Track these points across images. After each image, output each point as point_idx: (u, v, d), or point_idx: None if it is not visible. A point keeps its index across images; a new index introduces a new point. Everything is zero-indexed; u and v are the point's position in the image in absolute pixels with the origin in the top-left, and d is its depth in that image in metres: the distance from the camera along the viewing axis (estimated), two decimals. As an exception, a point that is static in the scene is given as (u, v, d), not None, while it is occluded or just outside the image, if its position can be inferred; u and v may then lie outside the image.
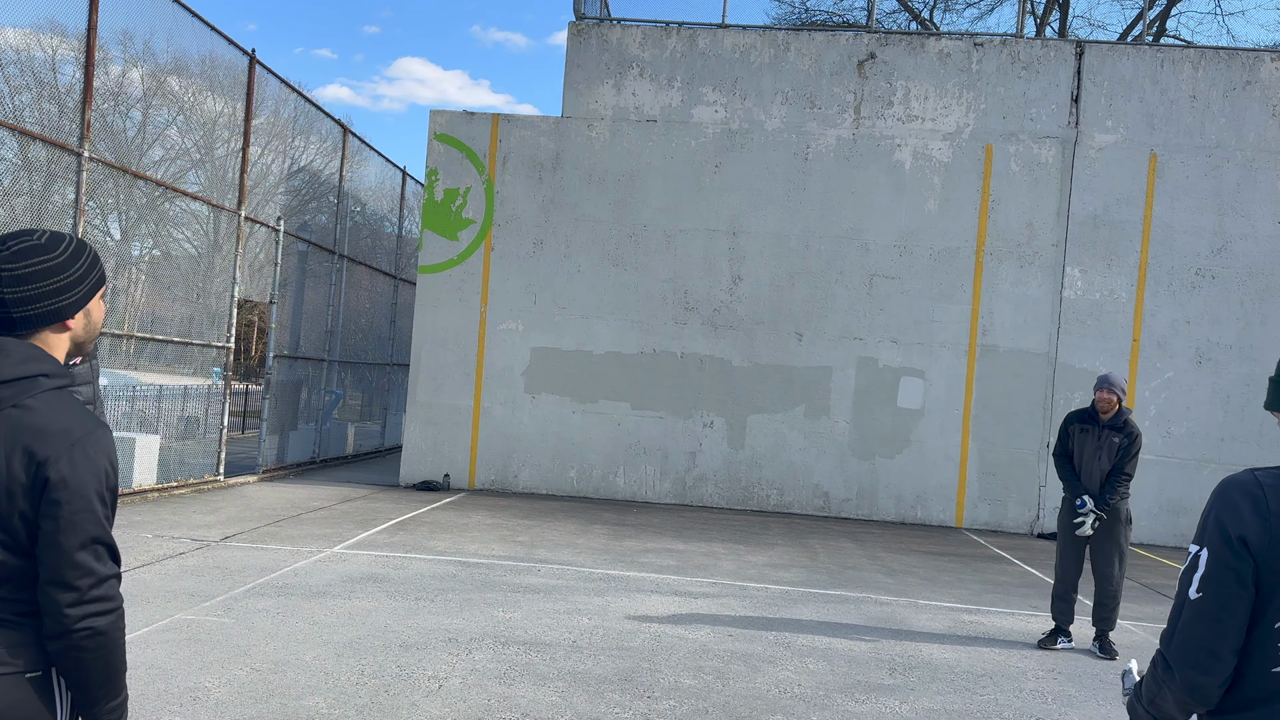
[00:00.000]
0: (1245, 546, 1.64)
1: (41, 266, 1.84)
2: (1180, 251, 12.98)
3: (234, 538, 8.83)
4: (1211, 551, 1.68)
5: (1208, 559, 1.68)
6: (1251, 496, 1.67)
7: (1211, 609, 1.65)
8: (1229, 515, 1.67)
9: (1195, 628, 1.67)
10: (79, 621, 1.75)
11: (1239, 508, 1.67)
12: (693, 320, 13.39)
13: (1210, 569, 1.67)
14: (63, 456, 1.76)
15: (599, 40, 13.67)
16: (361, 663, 5.43)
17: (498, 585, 7.59)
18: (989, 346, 13.13)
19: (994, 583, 9.26)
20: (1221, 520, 1.68)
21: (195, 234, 12.58)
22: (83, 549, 1.76)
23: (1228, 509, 1.68)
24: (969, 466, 13.11)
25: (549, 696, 5.09)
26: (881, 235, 13.22)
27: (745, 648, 6.29)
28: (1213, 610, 1.65)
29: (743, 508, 13.27)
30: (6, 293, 1.81)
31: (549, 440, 13.48)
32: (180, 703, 4.64)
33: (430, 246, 13.70)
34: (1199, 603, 1.67)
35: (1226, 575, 1.65)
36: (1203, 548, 1.70)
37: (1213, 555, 1.67)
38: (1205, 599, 1.66)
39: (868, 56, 13.39)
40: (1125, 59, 13.15)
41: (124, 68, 10.54)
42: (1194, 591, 1.68)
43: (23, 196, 8.90)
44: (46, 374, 1.82)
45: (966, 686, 5.81)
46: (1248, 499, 1.67)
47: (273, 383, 13.58)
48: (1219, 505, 1.70)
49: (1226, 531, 1.66)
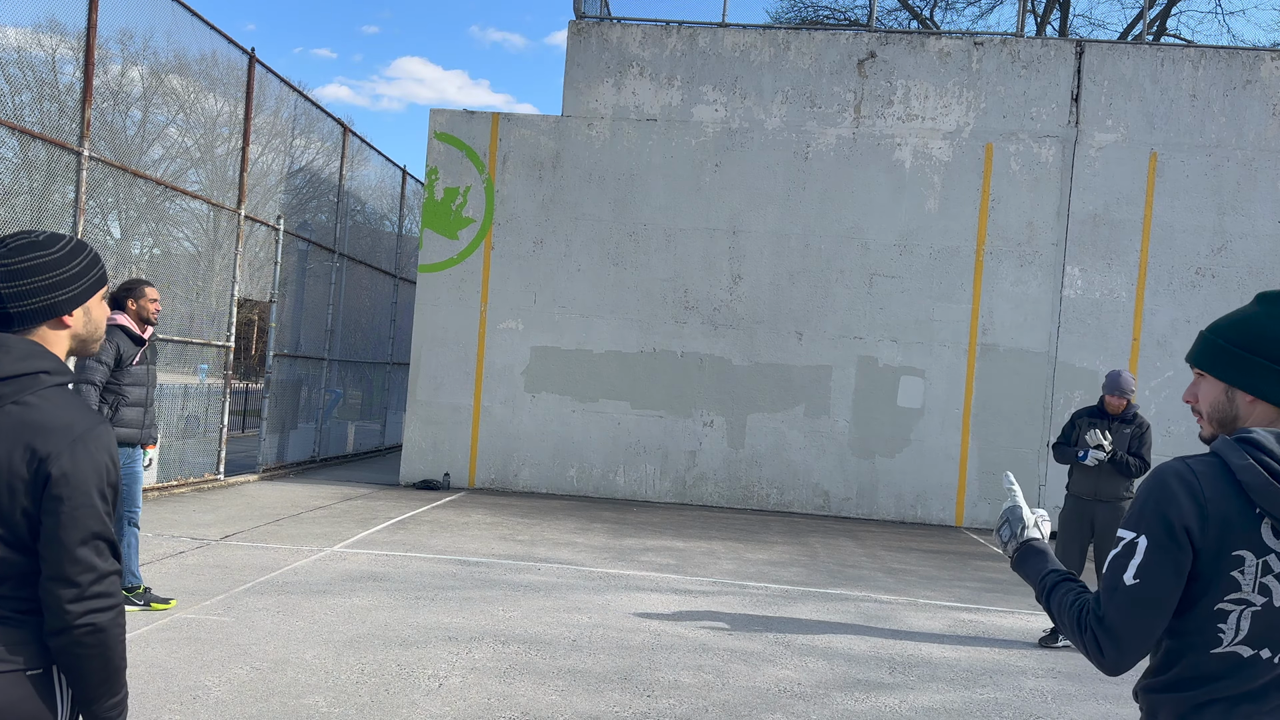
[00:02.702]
0: (1187, 536, 1.67)
1: (38, 261, 1.85)
2: (1180, 251, 12.99)
3: (234, 536, 8.84)
4: (1152, 540, 1.69)
5: (1147, 547, 1.69)
6: (1187, 484, 1.69)
7: (1147, 597, 1.68)
8: (1169, 505, 1.69)
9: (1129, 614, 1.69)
10: (80, 618, 1.75)
11: (1178, 496, 1.69)
12: (693, 319, 13.39)
13: (1149, 557, 1.69)
14: (64, 452, 1.76)
15: (599, 39, 13.67)
16: (362, 661, 5.43)
17: (498, 584, 7.60)
18: (989, 346, 13.13)
19: (994, 581, 9.26)
20: (1162, 510, 1.69)
21: (195, 233, 12.58)
22: (83, 545, 1.77)
23: (1167, 499, 1.69)
24: (969, 465, 13.12)
25: (549, 695, 5.09)
26: (881, 234, 13.22)
27: (745, 646, 6.29)
28: (1148, 596, 1.68)
29: (742, 507, 13.28)
30: (3, 288, 1.82)
31: (549, 439, 13.49)
32: (180, 701, 4.65)
33: (430, 245, 13.70)
34: (1135, 589, 1.69)
35: (1165, 565, 1.68)
36: (1140, 535, 1.71)
37: (1153, 544, 1.69)
38: (1141, 587, 1.69)
39: (868, 55, 13.39)
40: (1125, 58, 13.15)
41: (124, 67, 10.54)
42: (1130, 578, 1.70)
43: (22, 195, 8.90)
44: (47, 370, 1.82)
45: (966, 685, 5.82)
46: (1185, 487, 1.69)
47: (273, 381, 13.59)
48: (1159, 494, 1.71)
49: (1169, 521, 1.68)
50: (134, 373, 6.13)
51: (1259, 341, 1.76)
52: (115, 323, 6.10)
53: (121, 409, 6.09)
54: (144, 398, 6.22)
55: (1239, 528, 1.66)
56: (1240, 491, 1.67)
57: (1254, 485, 1.64)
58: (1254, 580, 1.65)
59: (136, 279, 6.35)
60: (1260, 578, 1.65)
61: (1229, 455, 1.69)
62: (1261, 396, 1.76)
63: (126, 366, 6.07)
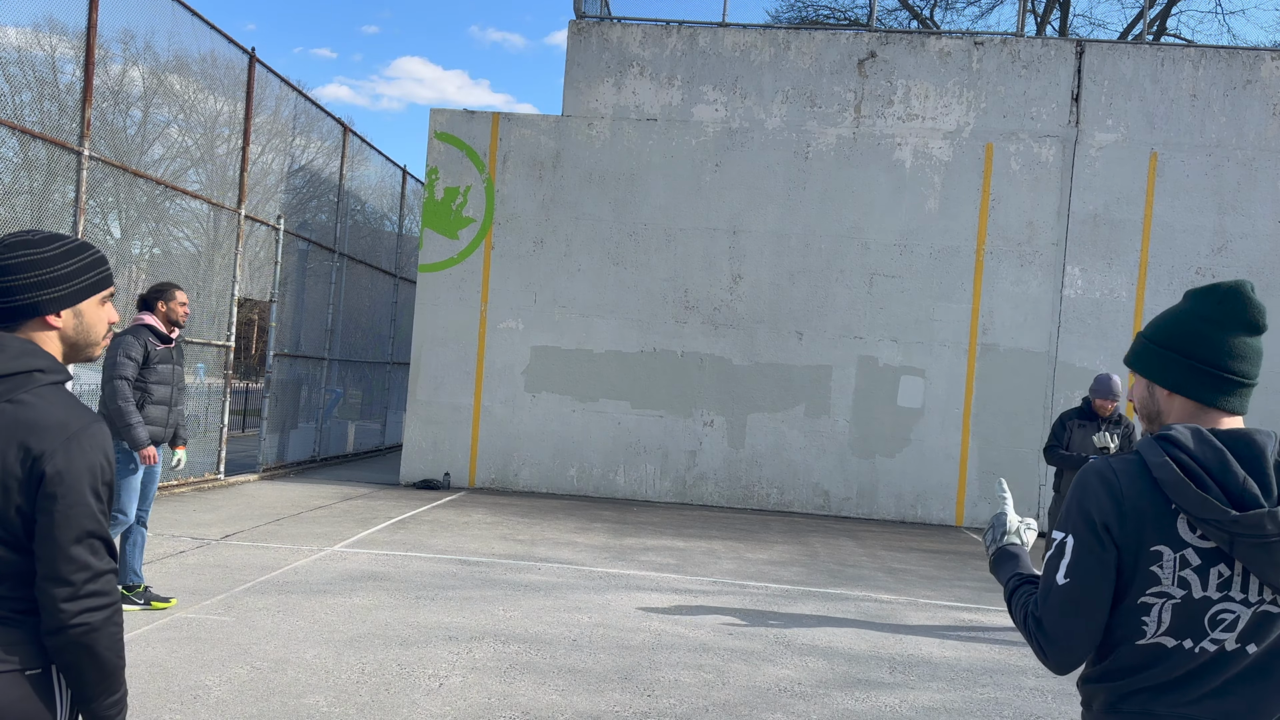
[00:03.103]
0: (1108, 532, 1.72)
1: (26, 259, 1.85)
2: (1180, 250, 12.99)
3: (234, 536, 8.84)
4: (1077, 539, 1.75)
5: (1074, 546, 1.75)
6: (1107, 483, 1.74)
7: (1078, 594, 1.73)
8: (1090, 503, 1.75)
9: (1063, 612, 1.75)
10: (74, 617, 1.75)
11: (1098, 495, 1.74)
12: (693, 319, 13.39)
13: (1076, 556, 1.74)
14: (58, 450, 1.76)
15: (599, 39, 13.67)
16: (362, 661, 5.43)
17: (498, 583, 7.60)
18: (989, 345, 13.13)
19: (993, 581, 9.26)
20: (1085, 508, 1.75)
21: (195, 232, 12.58)
22: (78, 543, 1.76)
23: (1089, 497, 1.75)
24: (969, 465, 13.12)
25: (549, 694, 5.09)
26: (882, 234, 13.22)
27: (745, 645, 6.30)
28: (1079, 595, 1.73)
29: (743, 506, 13.28)
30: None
31: (549, 439, 13.49)
32: (181, 701, 4.65)
33: (430, 245, 13.70)
34: (1067, 588, 1.74)
35: (1092, 561, 1.73)
36: (1068, 534, 1.77)
37: (1079, 543, 1.74)
38: (1072, 585, 1.74)
39: (868, 55, 13.39)
40: (1126, 58, 13.14)
41: (124, 66, 10.54)
42: (1061, 577, 1.75)
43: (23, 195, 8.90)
44: (42, 369, 1.82)
45: (966, 684, 5.82)
46: (1104, 485, 1.74)
47: (273, 381, 13.59)
48: (1081, 493, 1.77)
49: (1091, 519, 1.74)
50: (160, 371, 6.35)
51: (1173, 337, 1.82)
52: (143, 323, 6.31)
53: (147, 406, 6.26)
54: (168, 397, 6.43)
55: (1156, 523, 1.70)
56: (1157, 488, 1.71)
57: (1168, 481, 1.69)
58: (1173, 574, 1.70)
59: (168, 282, 6.54)
60: (1179, 571, 1.70)
61: (1147, 453, 1.74)
62: (1174, 390, 1.82)
63: (153, 365, 6.24)
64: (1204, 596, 1.69)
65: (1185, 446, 1.71)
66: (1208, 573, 1.69)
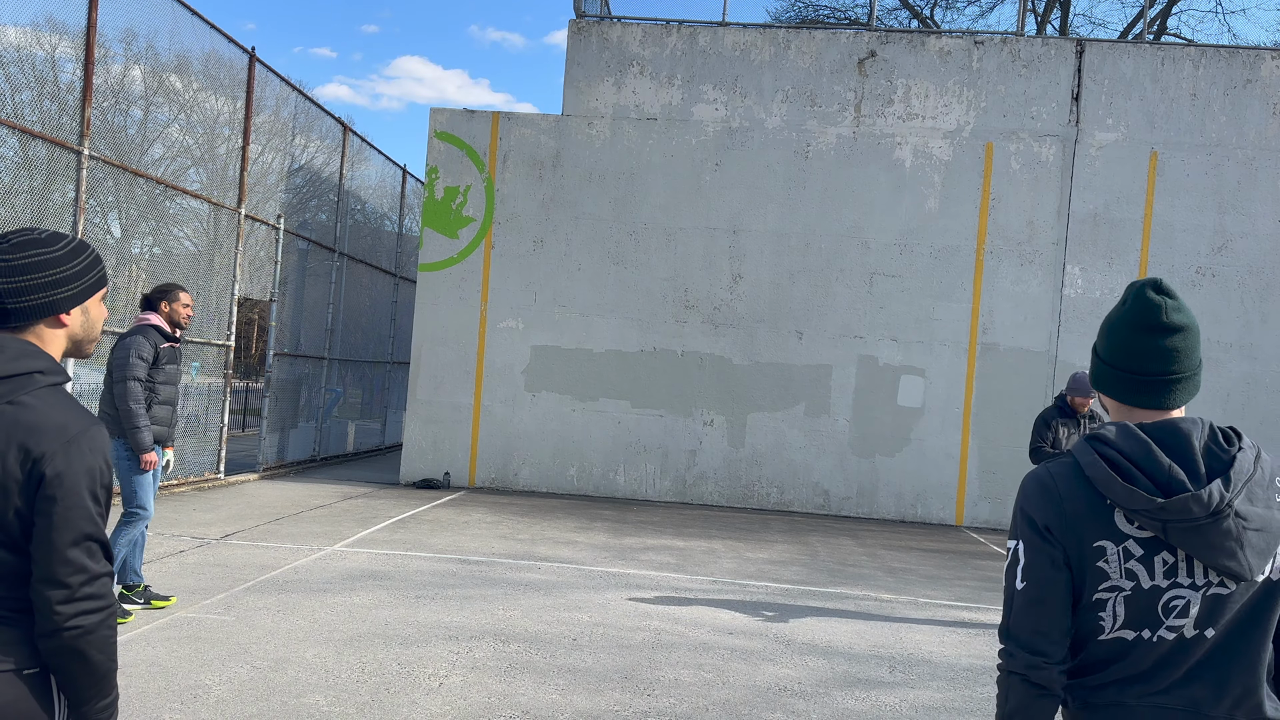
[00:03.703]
0: (1050, 533, 1.77)
1: (39, 259, 1.85)
2: (1180, 250, 12.98)
3: (234, 535, 8.84)
4: (1026, 543, 1.80)
5: (1024, 550, 1.80)
6: (1044, 487, 1.80)
7: (1035, 595, 1.77)
8: (1031, 507, 1.80)
9: (1025, 614, 1.78)
10: (70, 619, 1.74)
11: (1036, 499, 1.80)
12: (693, 318, 13.39)
13: (1029, 559, 1.79)
14: (58, 453, 1.76)
15: (599, 38, 13.67)
16: (362, 660, 5.43)
17: (498, 582, 7.60)
18: (989, 345, 13.13)
19: (994, 580, 9.26)
20: (1026, 513, 1.81)
21: (195, 232, 12.58)
22: (75, 546, 1.76)
23: (1029, 501, 1.81)
24: (969, 465, 13.12)
25: (549, 694, 5.09)
26: (882, 233, 13.21)
27: (745, 645, 6.29)
28: (1036, 595, 1.77)
29: (743, 506, 13.27)
30: (1, 283, 1.82)
31: (549, 438, 13.49)
32: (181, 700, 4.65)
33: (430, 245, 13.70)
34: (1025, 591, 1.78)
35: (1042, 562, 1.77)
36: (1018, 540, 1.82)
37: (1028, 546, 1.79)
38: (1029, 587, 1.78)
39: (868, 54, 13.38)
40: (1126, 57, 13.14)
41: (124, 66, 10.54)
42: (1019, 582, 1.80)
43: (23, 194, 8.89)
44: (41, 370, 1.82)
45: (966, 684, 5.82)
46: (1041, 490, 1.80)
47: (273, 381, 13.59)
48: (1021, 500, 1.83)
49: (1034, 522, 1.79)
50: (167, 371, 6.35)
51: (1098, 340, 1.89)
52: (149, 323, 6.27)
53: (154, 406, 6.26)
54: (174, 396, 6.42)
55: (1094, 520, 1.74)
56: (1091, 486, 1.75)
57: (1098, 479, 1.74)
58: (1119, 567, 1.74)
59: (173, 283, 6.50)
60: (1124, 564, 1.73)
61: (1079, 454, 1.79)
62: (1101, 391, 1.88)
63: (161, 365, 6.24)
64: (1153, 585, 1.72)
65: (1113, 443, 1.76)
66: (1152, 562, 1.72)
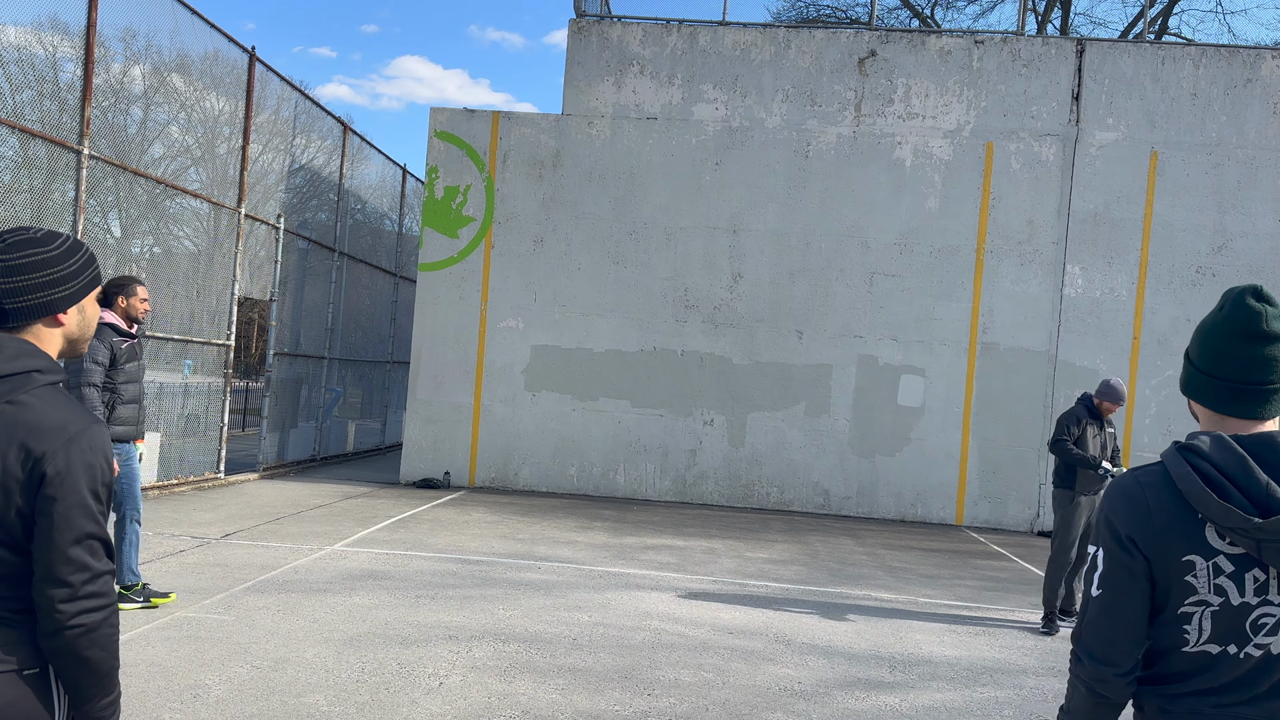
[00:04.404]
0: (1134, 545, 1.75)
1: (37, 258, 1.85)
2: (1181, 249, 12.98)
3: (234, 535, 8.84)
4: (1106, 552, 1.79)
5: (1104, 559, 1.79)
6: (1133, 498, 1.77)
7: (1110, 605, 1.77)
8: (1116, 517, 1.78)
9: (1098, 623, 1.78)
10: (72, 618, 1.74)
11: (1123, 509, 1.78)
12: (693, 318, 13.39)
13: (1107, 568, 1.78)
14: (58, 452, 1.76)
15: (599, 38, 13.66)
16: (362, 660, 5.43)
17: (498, 582, 7.60)
18: (989, 344, 13.13)
19: (994, 580, 9.26)
20: (1111, 522, 1.79)
21: (195, 231, 12.57)
22: (76, 544, 1.76)
23: (1115, 511, 1.79)
24: (969, 464, 13.11)
25: (549, 693, 5.09)
26: (882, 233, 13.21)
27: (745, 645, 6.29)
28: (1111, 606, 1.76)
29: (743, 505, 13.27)
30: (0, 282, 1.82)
31: (549, 438, 13.48)
32: (181, 700, 4.65)
33: (430, 244, 13.70)
34: (1100, 599, 1.78)
35: (1121, 573, 1.76)
36: (1099, 548, 1.81)
37: (1107, 555, 1.78)
38: (1104, 596, 1.77)
39: (868, 54, 13.38)
40: (1126, 56, 13.14)
41: (124, 65, 10.54)
42: (1095, 590, 1.79)
43: (23, 194, 8.89)
44: (39, 369, 1.82)
45: (966, 683, 5.81)
46: (1130, 501, 1.78)
47: (273, 380, 13.59)
48: (1108, 508, 1.81)
49: (1117, 532, 1.77)
50: (128, 370, 6.08)
51: (1191, 346, 1.86)
52: (104, 321, 5.97)
53: (118, 407, 6.05)
54: (138, 394, 6.18)
55: (1185, 534, 1.72)
56: (1182, 499, 1.73)
57: (1191, 492, 1.71)
58: (1208, 582, 1.71)
59: (129, 276, 6.21)
60: (1213, 579, 1.71)
61: (1171, 464, 1.76)
62: (1192, 398, 1.85)
63: (121, 365, 6.03)
64: (1243, 603, 1.70)
65: (1207, 455, 1.72)
66: (1243, 579, 1.70)
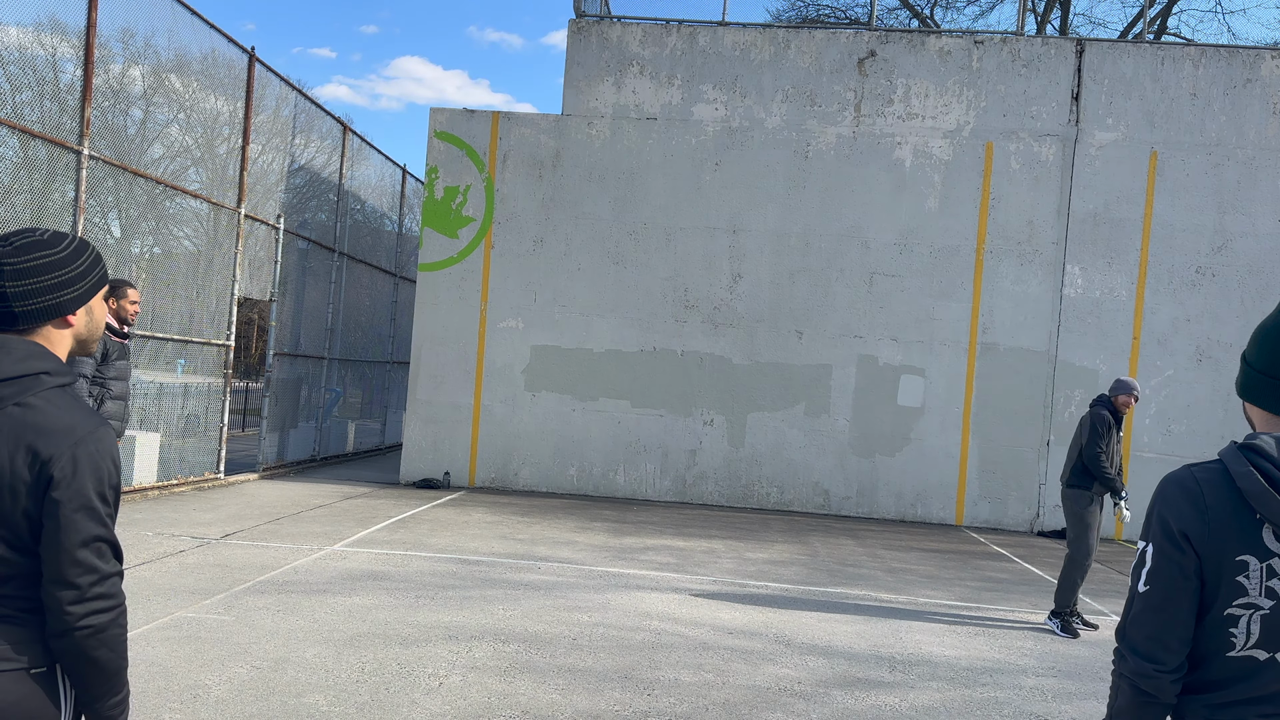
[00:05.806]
0: (1187, 541, 1.71)
1: (45, 260, 1.85)
2: (1181, 249, 12.98)
3: (234, 535, 8.84)
4: (1156, 547, 1.75)
5: (1153, 554, 1.75)
6: (1189, 492, 1.74)
7: (1158, 601, 1.73)
8: (1170, 511, 1.74)
9: (1144, 619, 1.75)
10: (80, 619, 1.75)
11: (1178, 504, 1.74)
12: (693, 318, 13.39)
13: (1156, 564, 1.74)
14: (65, 454, 1.76)
15: (599, 38, 13.67)
16: (362, 660, 5.43)
17: (498, 582, 7.60)
18: (989, 344, 13.13)
19: (994, 580, 9.26)
20: (1164, 517, 1.75)
21: (195, 231, 12.58)
22: (84, 547, 1.76)
23: (1168, 506, 1.75)
24: (969, 464, 13.12)
25: (549, 693, 5.09)
26: (882, 233, 13.22)
27: (745, 644, 6.30)
28: (1159, 603, 1.73)
29: (743, 505, 13.28)
30: (9, 286, 1.82)
31: (549, 438, 13.49)
32: (181, 700, 4.65)
33: (430, 244, 13.70)
34: (1147, 595, 1.75)
35: (1171, 569, 1.73)
36: (1148, 543, 1.77)
37: (1157, 550, 1.75)
38: (1152, 592, 1.74)
39: (868, 54, 13.38)
40: (1126, 57, 13.14)
41: (124, 65, 10.54)
42: (1142, 585, 1.76)
43: (23, 194, 8.89)
44: (48, 371, 1.82)
45: (966, 683, 5.82)
46: (1186, 495, 1.74)
47: (273, 380, 13.59)
48: (1160, 502, 1.77)
49: (1169, 527, 1.74)
50: (118, 367, 6.22)
51: (1248, 347, 1.83)
52: None
53: (106, 402, 6.14)
54: (125, 392, 6.30)
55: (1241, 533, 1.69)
56: (1241, 498, 1.70)
57: (1252, 492, 1.67)
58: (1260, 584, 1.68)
59: (120, 279, 6.36)
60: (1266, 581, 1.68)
61: (1231, 463, 1.73)
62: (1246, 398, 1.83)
63: (112, 360, 6.14)
64: None
65: (1270, 456, 1.69)
66: None
